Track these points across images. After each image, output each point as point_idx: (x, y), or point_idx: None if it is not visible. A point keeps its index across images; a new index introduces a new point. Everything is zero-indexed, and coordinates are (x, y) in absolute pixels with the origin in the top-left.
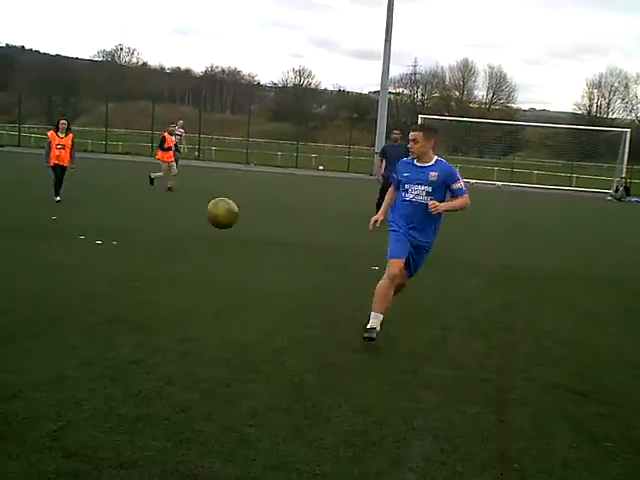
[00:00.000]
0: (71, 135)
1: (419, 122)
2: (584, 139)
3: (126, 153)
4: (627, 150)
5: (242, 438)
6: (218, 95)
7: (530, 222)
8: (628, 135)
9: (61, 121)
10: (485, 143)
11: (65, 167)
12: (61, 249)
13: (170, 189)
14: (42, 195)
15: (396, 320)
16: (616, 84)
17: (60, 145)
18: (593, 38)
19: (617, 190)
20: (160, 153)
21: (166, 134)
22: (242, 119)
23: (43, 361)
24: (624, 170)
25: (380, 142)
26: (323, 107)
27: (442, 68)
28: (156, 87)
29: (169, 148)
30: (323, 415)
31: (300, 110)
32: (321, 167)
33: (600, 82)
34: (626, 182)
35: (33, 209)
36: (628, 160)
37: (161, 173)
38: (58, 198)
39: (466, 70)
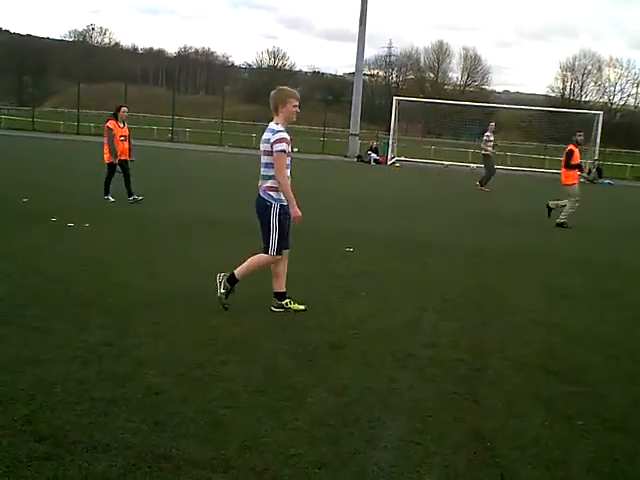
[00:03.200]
0: (127, 125)
1: (394, 104)
2: (557, 121)
3: (97, 134)
4: (599, 133)
5: (216, 420)
6: (192, 76)
7: (502, 204)
8: (600, 118)
9: (122, 108)
10: (459, 125)
11: (127, 161)
12: (34, 232)
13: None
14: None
15: (371, 301)
16: (589, 67)
17: (123, 137)
18: (563, 19)
19: (590, 172)
20: None
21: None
22: (216, 100)
23: (15, 344)
24: (597, 152)
25: (355, 123)
26: (298, 89)
27: (417, 50)
28: (129, 68)
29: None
30: (297, 396)
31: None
32: (295, 149)
33: (574, 65)
34: (599, 164)
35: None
36: (600, 142)
37: None
38: (135, 197)
39: (441, 52)
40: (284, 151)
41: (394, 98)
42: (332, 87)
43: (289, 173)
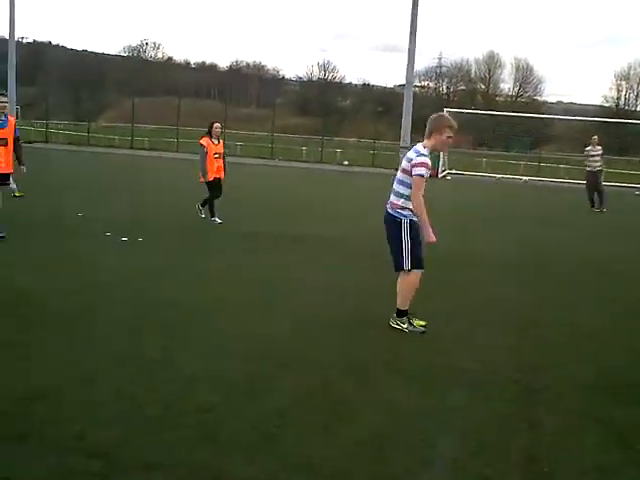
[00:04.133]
0: (222, 141)
1: (444, 114)
2: (613, 132)
3: (152, 149)
4: None
5: (266, 437)
6: (243, 89)
7: (559, 216)
8: None
9: (215, 124)
10: (512, 137)
11: (221, 180)
12: (89, 245)
13: None
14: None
15: (424, 316)
16: None
17: (217, 154)
18: (615, 29)
19: None
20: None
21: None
22: (267, 113)
23: (70, 358)
24: None
25: (406, 136)
26: (348, 101)
27: (467, 61)
28: (182, 82)
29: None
30: (350, 413)
31: (325, 104)
32: (346, 162)
33: (628, 74)
34: None
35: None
36: None
37: None
38: (216, 219)
39: (492, 62)
40: (422, 176)
41: (445, 109)
42: (382, 99)
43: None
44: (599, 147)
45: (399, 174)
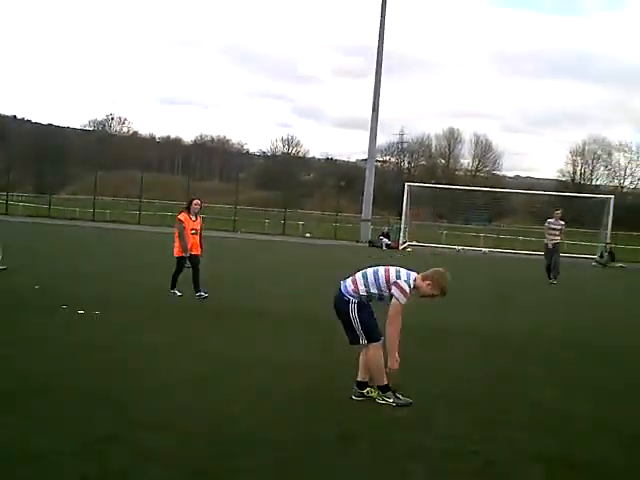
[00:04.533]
0: (200, 218)
1: (405, 190)
2: (568, 205)
3: (113, 221)
4: (611, 216)
5: None
6: (207, 163)
7: (518, 288)
8: (612, 202)
9: (194, 201)
10: (471, 210)
11: (198, 256)
12: (43, 320)
13: None
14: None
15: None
16: (599, 152)
17: (194, 230)
18: (571, 106)
19: (602, 256)
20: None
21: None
22: (230, 187)
23: (11, 436)
24: (609, 236)
25: (367, 209)
26: (311, 175)
27: (428, 136)
28: (146, 156)
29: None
30: None
31: (288, 178)
32: (308, 234)
33: (583, 150)
34: (611, 248)
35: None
36: (612, 226)
37: None
38: (202, 294)
39: (452, 138)
40: (401, 304)
41: (405, 184)
42: (345, 173)
43: None
44: (562, 221)
45: (382, 272)
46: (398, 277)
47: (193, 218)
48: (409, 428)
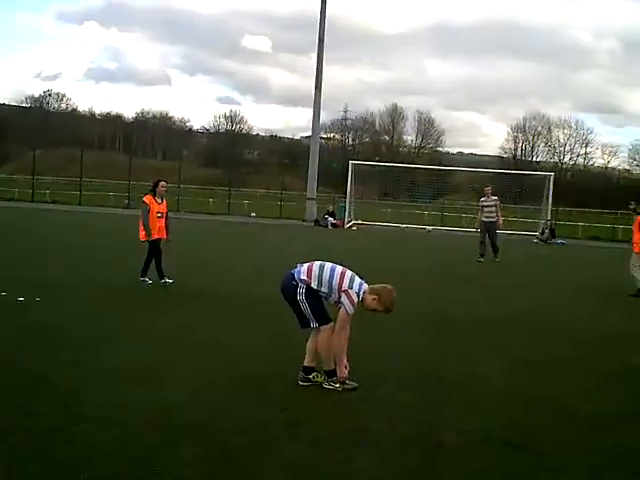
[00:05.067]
0: (165, 201)
1: (350, 168)
2: (510, 182)
3: (53, 202)
4: (551, 193)
5: None
6: (149, 141)
7: (460, 266)
8: (552, 179)
9: (161, 183)
10: (415, 187)
11: (161, 240)
12: None
13: None
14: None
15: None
16: (539, 128)
17: (160, 213)
18: (512, 83)
19: (543, 232)
20: None
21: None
22: (174, 165)
23: None
24: (549, 212)
25: (312, 187)
26: (255, 153)
27: (372, 114)
28: (86, 133)
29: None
30: (254, 479)
31: (232, 156)
32: (253, 214)
33: (524, 126)
34: (551, 224)
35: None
36: (552, 202)
37: None
38: (167, 280)
39: (395, 115)
40: (349, 314)
41: (350, 162)
42: (289, 151)
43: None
44: (494, 197)
45: (337, 275)
46: (350, 286)
47: (159, 201)
48: (355, 412)
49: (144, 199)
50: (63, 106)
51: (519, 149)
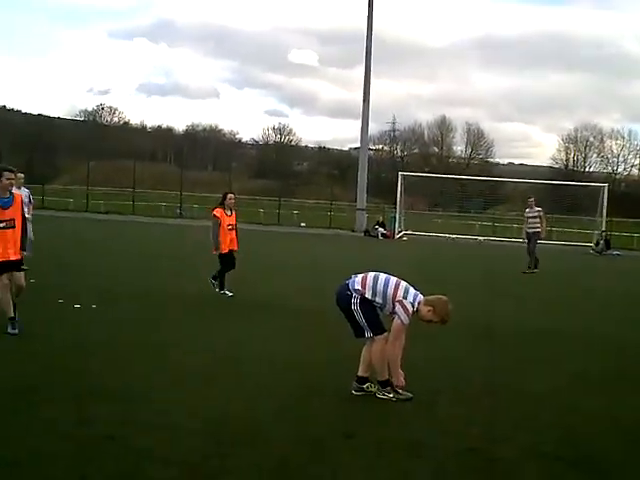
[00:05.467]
0: (235, 213)
1: (399, 179)
2: (562, 193)
3: (106, 212)
4: (605, 204)
5: None
6: (199, 153)
7: (513, 276)
8: (606, 190)
9: (229, 195)
10: (465, 198)
11: (234, 251)
12: (37, 313)
13: None
14: None
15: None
16: (591, 139)
17: (230, 225)
18: (560, 94)
19: (598, 244)
20: None
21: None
22: (224, 177)
23: (17, 436)
24: (604, 223)
25: (361, 198)
26: (305, 164)
27: (420, 125)
28: (138, 146)
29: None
30: None
31: (280, 167)
32: (303, 224)
33: (576, 137)
34: (606, 235)
35: None
36: (607, 214)
37: None
38: (227, 292)
39: (444, 127)
40: (404, 323)
41: (399, 173)
42: (338, 162)
43: None
44: (538, 208)
45: (392, 286)
46: (405, 297)
47: (228, 213)
48: (410, 424)
49: (214, 212)
50: (115, 119)
51: (571, 159)
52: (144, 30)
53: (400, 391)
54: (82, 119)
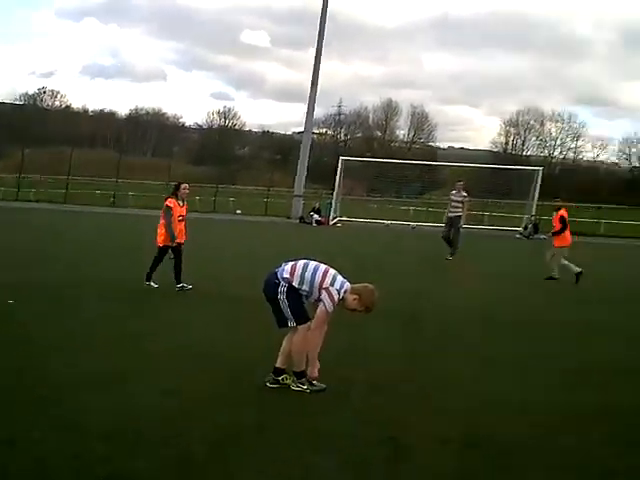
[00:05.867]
0: (186, 203)
1: (339, 164)
2: (498, 177)
3: (37, 201)
4: (538, 188)
5: None
6: (141, 138)
7: (437, 261)
8: (540, 173)
9: (183, 185)
10: (403, 183)
11: (182, 244)
12: None
13: None
14: None
15: None
16: (532, 122)
17: (181, 217)
18: (505, 76)
19: (526, 228)
20: None
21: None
22: (164, 163)
23: None
24: (534, 208)
25: (299, 184)
26: (246, 148)
27: (366, 108)
28: (78, 131)
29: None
30: None
31: (221, 152)
32: (238, 211)
33: (517, 120)
34: (536, 220)
35: None
36: (540, 197)
37: None
38: (185, 285)
39: (390, 110)
40: (328, 311)
41: (340, 158)
42: (281, 146)
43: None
44: (464, 193)
45: (319, 274)
46: (332, 284)
47: (181, 204)
48: (324, 414)
49: (167, 203)
50: (57, 103)
51: (510, 143)
52: (95, 9)
53: (314, 382)
54: (22, 103)
